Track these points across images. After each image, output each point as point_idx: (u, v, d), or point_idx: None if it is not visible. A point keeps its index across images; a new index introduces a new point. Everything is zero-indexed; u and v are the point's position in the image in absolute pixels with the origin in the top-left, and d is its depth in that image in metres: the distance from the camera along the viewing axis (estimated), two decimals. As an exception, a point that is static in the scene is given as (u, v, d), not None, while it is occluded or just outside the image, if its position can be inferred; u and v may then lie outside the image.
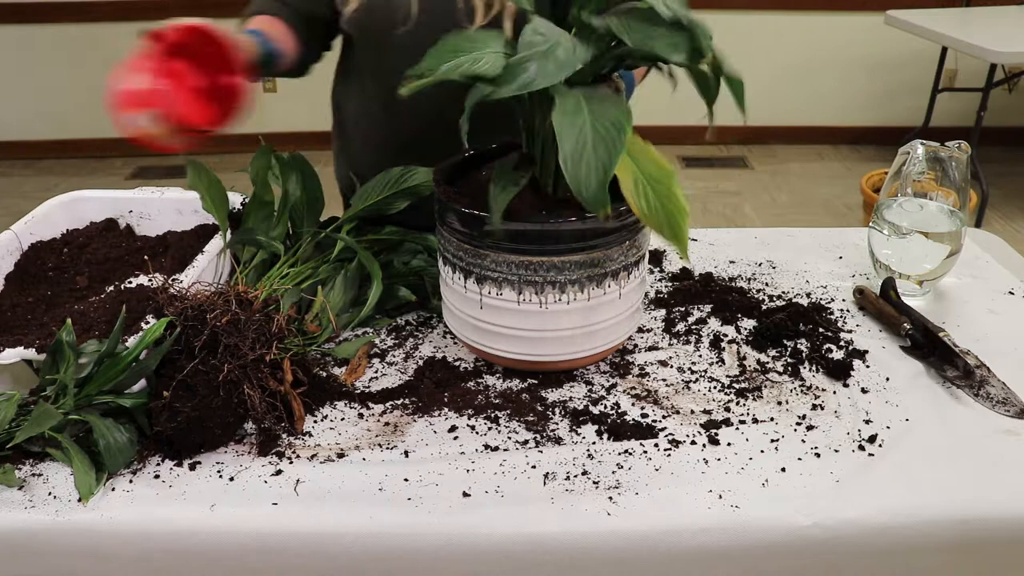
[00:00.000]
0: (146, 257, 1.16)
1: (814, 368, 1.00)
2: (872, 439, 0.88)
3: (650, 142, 0.84)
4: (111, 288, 1.11)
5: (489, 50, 0.84)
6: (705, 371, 1.00)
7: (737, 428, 0.90)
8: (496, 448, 0.87)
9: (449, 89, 0.84)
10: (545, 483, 0.82)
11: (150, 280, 1.07)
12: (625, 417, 0.91)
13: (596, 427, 0.90)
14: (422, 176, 1.14)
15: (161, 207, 1.23)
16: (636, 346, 1.05)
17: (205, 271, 1.05)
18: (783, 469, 0.84)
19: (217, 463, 0.86)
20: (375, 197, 1.15)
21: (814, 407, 0.93)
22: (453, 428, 0.91)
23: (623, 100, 0.83)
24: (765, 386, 0.97)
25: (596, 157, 0.77)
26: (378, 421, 0.92)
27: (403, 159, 1.17)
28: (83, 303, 1.07)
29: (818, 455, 0.86)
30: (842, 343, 1.04)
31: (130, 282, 1.11)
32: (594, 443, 0.88)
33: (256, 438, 0.88)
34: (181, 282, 0.99)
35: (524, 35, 0.80)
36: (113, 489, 0.82)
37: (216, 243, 1.09)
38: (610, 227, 0.89)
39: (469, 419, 0.92)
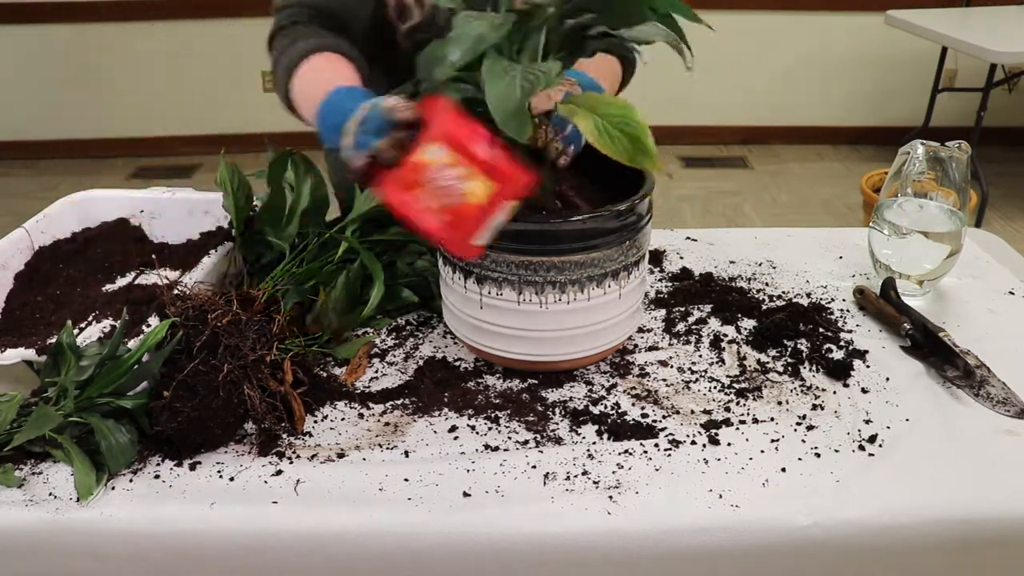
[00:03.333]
0: (154, 256, 1.16)
1: (814, 368, 1.00)
2: (872, 439, 0.88)
3: (604, 93, 0.85)
4: (117, 287, 1.12)
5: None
6: (705, 371, 1.00)
7: (737, 428, 0.90)
8: (496, 448, 0.87)
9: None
10: (545, 483, 0.82)
11: (160, 279, 1.07)
12: (625, 417, 0.91)
13: (596, 427, 0.90)
14: None
15: (172, 207, 1.24)
16: (636, 346, 1.05)
17: (212, 271, 1.05)
18: (783, 469, 0.84)
19: (217, 463, 0.86)
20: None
21: (814, 407, 0.93)
22: (453, 428, 0.91)
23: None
24: (765, 386, 0.97)
25: (519, 89, 0.76)
26: (378, 421, 0.92)
27: None
28: (90, 302, 1.08)
29: (818, 455, 0.86)
30: (842, 343, 1.04)
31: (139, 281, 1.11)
32: (594, 443, 0.88)
33: (256, 438, 0.88)
34: (185, 283, 0.99)
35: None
36: (113, 488, 0.82)
37: (226, 243, 1.10)
38: (610, 227, 0.89)
39: (469, 419, 0.92)
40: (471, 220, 0.79)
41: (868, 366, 1.00)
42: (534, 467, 0.84)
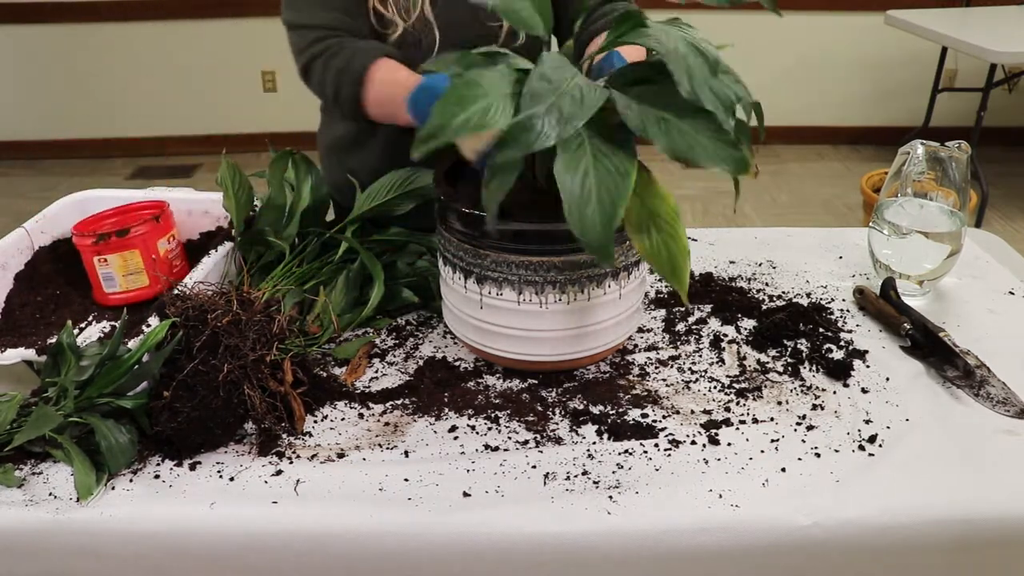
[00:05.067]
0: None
1: (814, 368, 1.00)
2: (872, 439, 0.88)
3: (654, 179, 0.82)
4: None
5: (496, 94, 0.77)
6: (705, 371, 1.00)
7: (737, 428, 0.90)
8: (496, 448, 0.87)
9: None
10: (545, 483, 0.82)
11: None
12: (625, 417, 0.91)
13: (596, 427, 0.90)
14: (429, 178, 1.14)
15: (172, 207, 1.23)
16: (636, 346, 1.05)
17: (212, 271, 1.05)
18: (783, 469, 0.84)
19: (217, 463, 0.86)
20: (382, 198, 1.14)
21: (814, 407, 0.93)
22: (453, 428, 0.91)
23: (630, 143, 0.79)
24: (765, 386, 0.97)
25: (600, 205, 0.74)
26: (378, 421, 0.92)
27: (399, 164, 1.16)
28: (90, 302, 1.08)
29: (818, 455, 0.86)
30: (842, 343, 1.04)
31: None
32: (594, 443, 0.88)
33: (256, 438, 0.88)
34: (185, 283, 0.99)
35: (529, 82, 0.75)
36: (113, 488, 0.82)
37: (226, 243, 1.10)
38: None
39: (469, 419, 0.92)
40: None
41: (868, 366, 1.00)
42: (534, 467, 0.84)
